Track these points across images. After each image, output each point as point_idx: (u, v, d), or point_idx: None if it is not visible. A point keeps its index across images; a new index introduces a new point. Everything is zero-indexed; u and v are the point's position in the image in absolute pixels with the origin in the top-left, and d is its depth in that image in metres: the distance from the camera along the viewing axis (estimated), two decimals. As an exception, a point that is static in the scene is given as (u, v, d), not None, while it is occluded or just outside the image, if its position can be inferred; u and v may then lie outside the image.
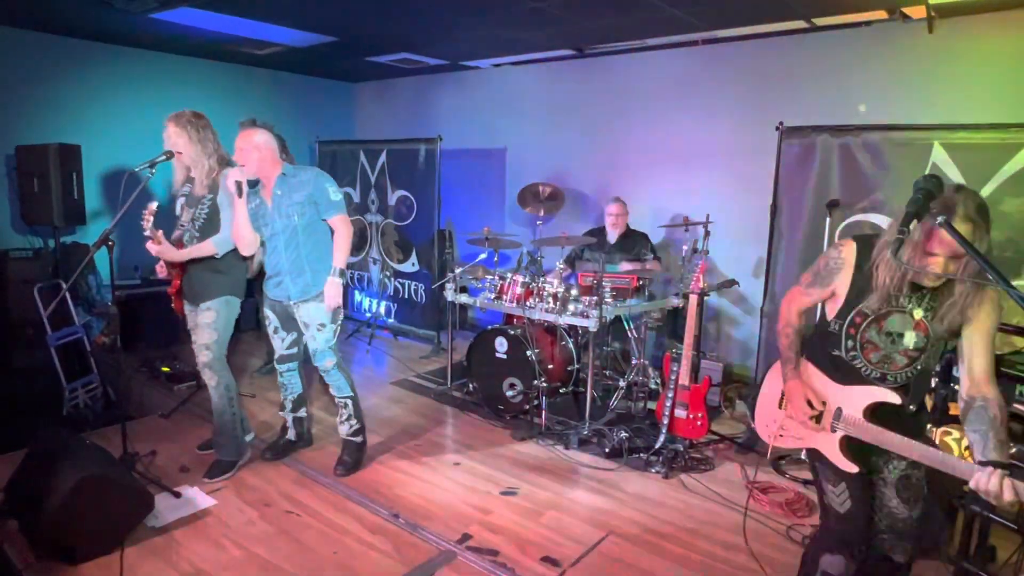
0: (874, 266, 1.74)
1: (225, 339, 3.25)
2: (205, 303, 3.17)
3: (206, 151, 3.10)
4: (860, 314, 1.80)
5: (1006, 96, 3.81)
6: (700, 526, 2.98)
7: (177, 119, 3.08)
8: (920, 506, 1.85)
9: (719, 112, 4.97)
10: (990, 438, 1.58)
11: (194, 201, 3.16)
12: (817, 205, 3.68)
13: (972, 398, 1.65)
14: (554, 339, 4.28)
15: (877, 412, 1.79)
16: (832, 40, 4.40)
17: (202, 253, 3.12)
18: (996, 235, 3.27)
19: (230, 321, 3.25)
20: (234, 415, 3.33)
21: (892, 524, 1.88)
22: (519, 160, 6.26)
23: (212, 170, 3.12)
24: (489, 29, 4.65)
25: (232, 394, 3.32)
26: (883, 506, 1.89)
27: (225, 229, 3.12)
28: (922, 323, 1.74)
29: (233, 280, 3.25)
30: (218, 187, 3.12)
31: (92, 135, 5.23)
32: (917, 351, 1.77)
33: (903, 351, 1.78)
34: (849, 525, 1.90)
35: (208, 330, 3.18)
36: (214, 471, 3.29)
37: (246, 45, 5.38)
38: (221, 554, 2.68)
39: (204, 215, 3.14)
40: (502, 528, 2.94)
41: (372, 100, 7.48)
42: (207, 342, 3.19)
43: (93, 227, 5.19)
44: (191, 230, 3.15)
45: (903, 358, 1.79)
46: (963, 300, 1.66)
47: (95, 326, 4.94)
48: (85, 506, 2.50)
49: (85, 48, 5.31)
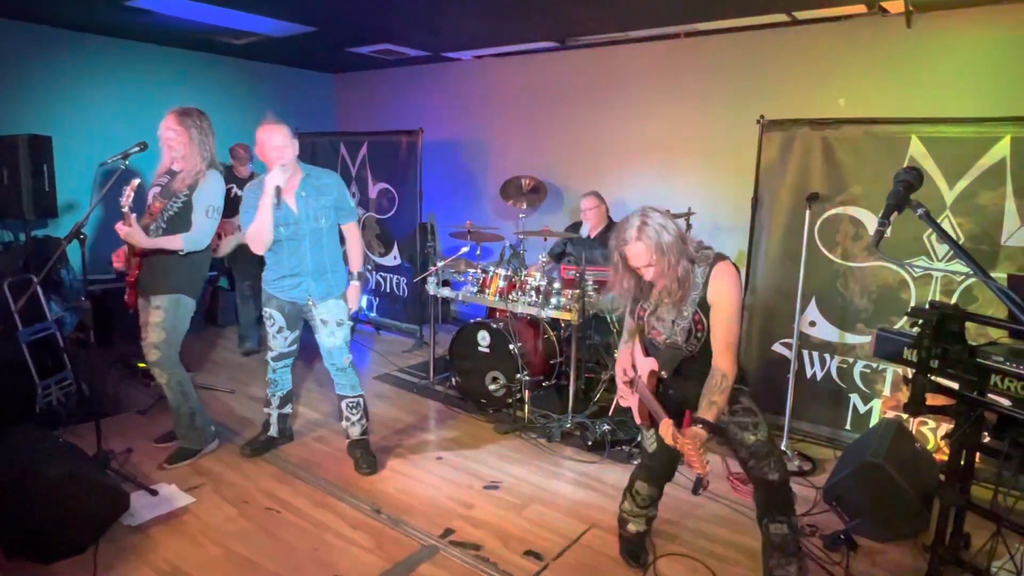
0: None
1: (175, 339, 3.22)
2: (156, 298, 3.14)
3: (202, 153, 3.09)
4: (642, 308, 2.30)
5: (982, 90, 3.86)
6: (682, 517, 3.00)
7: (181, 115, 3.07)
8: (762, 428, 2.22)
9: (701, 105, 4.99)
10: (704, 397, 2.09)
11: (169, 194, 3.11)
12: (797, 198, 3.70)
13: (714, 368, 2.12)
14: (537, 332, 4.28)
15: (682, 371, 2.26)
16: (812, 34, 4.42)
17: (168, 246, 3.08)
18: (972, 228, 3.34)
19: (181, 320, 3.22)
20: (191, 408, 3.32)
21: (749, 451, 2.23)
22: (501, 153, 6.23)
23: (200, 172, 3.10)
24: (471, 19, 4.61)
25: (185, 388, 3.30)
26: (735, 442, 2.25)
27: (196, 229, 3.10)
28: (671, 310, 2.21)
29: (188, 279, 3.21)
30: (197, 186, 3.09)
31: (64, 126, 5.11)
32: (672, 332, 2.21)
33: (678, 332, 2.20)
34: (655, 462, 2.45)
35: (156, 329, 3.15)
36: (174, 457, 3.32)
37: (223, 35, 5.28)
38: (199, 552, 2.64)
39: (176, 209, 3.10)
40: (485, 522, 2.93)
41: (353, 92, 7.39)
42: (155, 341, 3.16)
43: (65, 220, 5.08)
44: (159, 221, 3.10)
45: (672, 336, 2.22)
46: (672, 296, 2.14)
47: (69, 321, 4.83)
48: (57, 505, 2.45)
49: (56, 36, 5.17)
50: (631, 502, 2.60)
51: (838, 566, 2.62)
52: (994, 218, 3.27)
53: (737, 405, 2.27)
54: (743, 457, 2.26)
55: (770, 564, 2.32)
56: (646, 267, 2.13)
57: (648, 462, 2.49)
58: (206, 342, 5.45)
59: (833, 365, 3.81)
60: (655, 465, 2.47)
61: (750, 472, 2.26)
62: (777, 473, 2.21)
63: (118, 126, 5.38)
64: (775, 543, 2.28)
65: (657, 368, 2.28)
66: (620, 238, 2.14)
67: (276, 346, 3.33)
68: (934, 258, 3.44)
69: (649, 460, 2.48)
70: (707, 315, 2.14)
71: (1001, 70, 3.83)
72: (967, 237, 3.34)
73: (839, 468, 3.07)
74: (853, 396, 3.77)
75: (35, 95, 5.09)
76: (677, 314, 2.18)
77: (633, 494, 2.58)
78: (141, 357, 4.65)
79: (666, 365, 2.26)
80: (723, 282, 2.11)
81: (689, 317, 2.16)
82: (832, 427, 3.84)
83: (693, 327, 2.17)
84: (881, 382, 3.67)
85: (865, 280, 3.67)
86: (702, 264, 2.15)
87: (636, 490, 2.55)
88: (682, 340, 2.19)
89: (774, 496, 2.25)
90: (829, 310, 3.78)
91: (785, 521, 2.26)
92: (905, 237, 3.44)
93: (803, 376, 3.86)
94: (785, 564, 2.28)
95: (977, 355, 2.23)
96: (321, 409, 4.19)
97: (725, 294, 2.11)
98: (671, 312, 2.20)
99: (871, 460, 2.82)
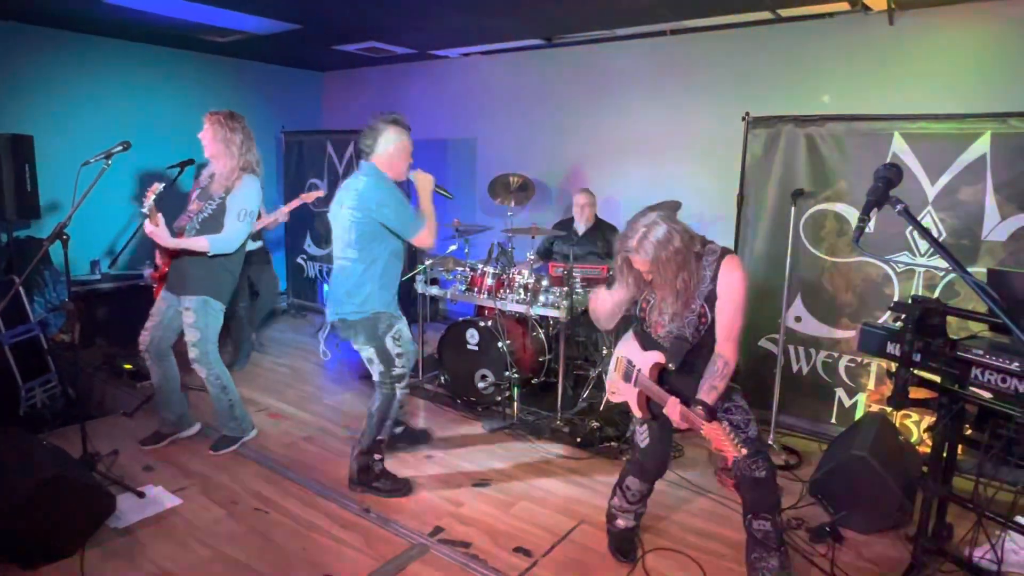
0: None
1: (210, 337, 3.33)
2: (185, 299, 3.24)
3: (229, 152, 3.16)
4: (645, 300, 2.37)
5: (963, 87, 3.91)
6: (670, 512, 3.02)
7: (211, 117, 3.19)
8: (752, 427, 2.29)
9: (687, 102, 5.01)
10: (705, 382, 2.16)
11: (206, 196, 3.22)
12: (783, 195, 3.73)
13: (716, 355, 2.19)
14: (525, 330, 4.28)
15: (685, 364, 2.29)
16: (797, 31, 4.46)
17: (194, 247, 3.15)
18: (953, 223, 3.38)
19: (213, 320, 3.31)
20: (231, 400, 3.48)
21: None
22: (489, 151, 6.23)
23: (233, 172, 3.17)
24: (458, 17, 4.60)
25: (224, 382, 3.43)
26: None
27: (227, 231, 3.16)
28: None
29: (216, 282, 3.28)
30: (232, 189, 3.17)
31: (46, 125, 5.05)
32: (674, 325, 2.28)
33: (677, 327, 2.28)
34: (647, 458, 2.47)
35: (191, 329, 3.28)
36: (219, 444, 3.50)
37: (207, 32, 5.23)
38: (187, 554, 2.62)
39: (210, 211, 3.19)
40: (474, 520, 2.94)
41: (340, 90, 7.35)
42: (192, 340, 3.30)
43: (48, 221, 5.01)
44: (194, 222, 3.19)
45: (674, 330, 2.29)
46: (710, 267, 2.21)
47: (53, 323, 4.78)
48: (42, 509, 2.42)
49: (37, 34, 5.10)
50: (621, 498, 2.62)
51: (824, 558, 2.65)
52: (975, 213, 3.31)
53: (731, 403, 2.32)
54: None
55: (752, 558, 2.35)
56: (646, 273, 2.20)
57: (640, 458, 2.50)
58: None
59: (819, 360, 3.85)
60: (647, 461, 2.48)
61: (738, 470, 2.28)
62: (764, 472, 2.25)
63: (102, 125, 5.32)
64: (757, 538, 2.32)
65: (664, 360, 2.29)
66: (623, 244, 2.20)
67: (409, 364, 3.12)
68: (917, 253, 3.49)
69: (641, 456, 2.49)
70: (712, 308, 2.20)
71: (982, 67, 3.88)
72: (948, 232, 3.38)
73: (825, 461, 3.10)
74: (838, 390, 3.81)
75: (16, 94, 5.02)
76: (684, 308, 2.22)
77: (623, 489, 2.59)
78: (127, 358, 4.67)
79: (672, 357, 2.28)
80: (733, 275, 2.19)
81: (696, 311, 2.22)
82: (818, 421, 3.88)
83: (698, 320, 2.23)
84: (866, 376, 3.71)
85: (850, 275, 3.70)
86: (710, 258, 2.21)
87: (627, 485, 2.57)
88: (689, 333, 2.25)
89: (759, 494, 2.28)
90: (814, 305, 3.82)
91: (769, 519, 2.29)
92: (889, 233, 3.48)
93: (789, 371, 3.90)
94: (767, 557, 2.31)
95: (958, 349, 2.26)
96: (310, 409, 4.18)
97: (734, 286, 2.18)
98: (674, 308, 2.24)
99: (856, 453, 2.86)
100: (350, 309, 2.88)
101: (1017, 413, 2.06)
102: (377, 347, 2.94)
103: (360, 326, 2.90)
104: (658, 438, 2.43)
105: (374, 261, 2.84)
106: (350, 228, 2.83)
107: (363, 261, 2.84)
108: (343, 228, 2.87)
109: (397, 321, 2.99)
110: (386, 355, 2.97)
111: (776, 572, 2.29)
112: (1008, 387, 2.12)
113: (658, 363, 2.30)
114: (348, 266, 2.88)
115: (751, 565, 2.35)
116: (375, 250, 2.84)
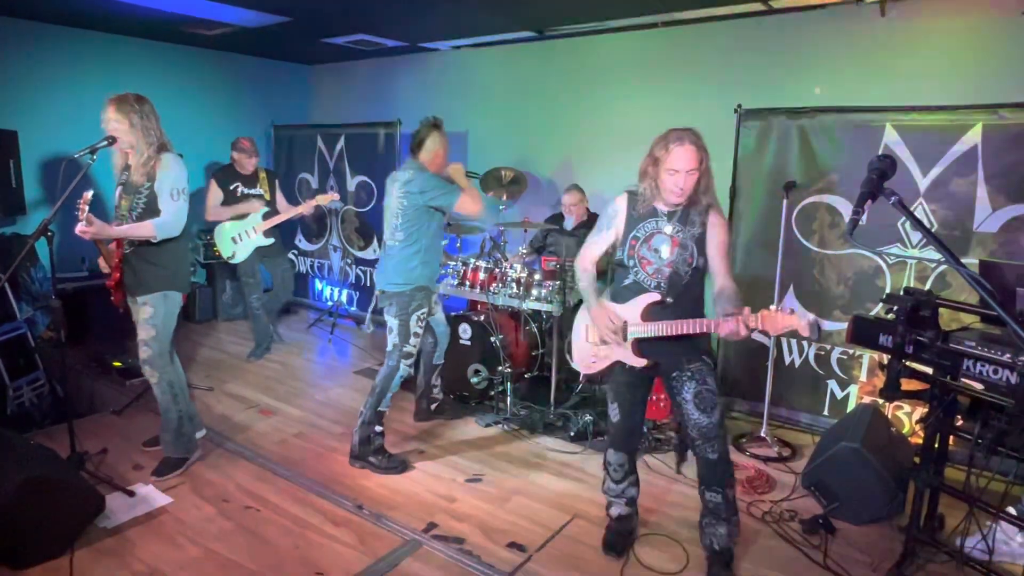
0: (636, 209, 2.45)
1: (165, 335, 3.13)
2: (142, 296, 3.06)
3: (147, 138, 2.94)
4: (634, 237, 2.44)
5: (954, 78, 3.90)
6: (663, 506, 3.03)
7: (119, 102, 2.90)
8: (716, 412, 2.40)
9: (680, 94, 4.98)
10: (727, 302, 2.27)
11: (132, 189, 3.00)
12: (775, 187, 3.73)
13: (721, 289, 2.36)
14: (518, 324, 4.27)
15: (651, 313, 2.41)
16: (789, 22, 4.43)
17: (139, 233, 2.94)
18: (945, 214, 3.39)
19: (169, 316, 3.13)
20: (180, 412, 3.20)
21: (699, 431, 2.41)
22: (481, 144, 6.18)
23: (150, 159, 2.95)
24: (448, 9, 4.56)
25: (176, 391, 3.20)
26: (688, 419, 2.42)
27: (166, 213, 2.96)
28: (674, 238, 2.38)
29: (173, 274, 3.11)
30: (155, 175, 2.96)
31: (30, 120, 4.96)
32: (671, 261, 2.38)
33: (668, 263, 2.38)
34: (618, 432, 2.63)
35: (146, 326, 3.08)
36: (162, 468, 3.19)
37: (193, 25, 5.16)
38: (178, 553, 2.60)
39: (142, 204, 2.98)
40: (468, 515, 2.93)
41: (329, 83, 7.28)
42: (145, 338, 3.08)
43: (34, 217, 4.94)
44: (129, 219, 2.99)
45: (667, 268, 2.39)
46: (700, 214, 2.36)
47: (40, 321, 4.72)
48: (30, 509, 2.39)
49: (21, 27, 5.01)
50: (608, 477, 2.73)
51: (816, 549, 2.66)
52: (966, 205, 3.32)
53: (706, 378, 2.42)
54: (692, 436, 2.44)
55: (704, 522, 2.55)
56: (688, 172, 2.26)
57: (612, 430, 2.65)
58: (183, 339, 5.36)
59: (811, 352, 3.86)
60: (619, 432, 2.63)
61: (695, 449, 2.46)
62: (717, 454, 2.42)
63: (88, 120, 5.19)
64: (709, 508, 2.51)
65: (658, 297, 2.40)
66: (665, 140, 2.31)
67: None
68: (908, 245, 3.49)
69: (613, 428, 2.64)
70: (701, 250, 2.37)
71: (973, 58, 3.87)
72: (940, 223, 3.39)
73: (817, 453, 3.11)
74: (831, 382, 3.82)
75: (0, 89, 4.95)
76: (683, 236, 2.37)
77: (606, 465, 2.72)
78: (116, 356, 4.62)
79: (670, 291, 2.39)
80: (721, 220, 2.41)
81: (690, 249, 2.37)
82: (810, 413, 3.89)
83: (688, 257, 2.38)
84: (858, 368, 3.72)
85: (842, 267, 3.71)
86: (700, 207, 2.38)
87: (608, 461, 2.71)
88: (668, 272, 2.39)
89: (710, 471, 2.47)
90: (807, 297, 3.82)
91: (719, 492, 2.47)
92: (880, 224, 3.48)
93: (782, 363, 3.90)
94: (715, 524, 2.50)
95: (950, 340, 2.26)
96: (301, 406, 4.15)
97: (724, 229, 2.41)
98: (664, 242, 2.39)
99: (848, 445, 2.87)
100: (394, 282, 3.30)
101: (1008, 404, 2.06)
102: (401, 320, 3.30)
103: (396, 299, 3.31)
104: (628, 412, 2.59)
105: (418, 241, 3.29)
106: (398, 214, 3.29)
107: (408, 241, 3.28)
108: (392, 214, 3.33)
109: (429, 304, 3.39)
110: (406, 330, 3.31)
111: (723, 539, 2.49)
112: (999, 378, 2.12)
113: (653, 302, 2.40)
114: (396, 246, 3.32)
115: (702, 529, 2.56)
116: (419, 232, 3.29)
